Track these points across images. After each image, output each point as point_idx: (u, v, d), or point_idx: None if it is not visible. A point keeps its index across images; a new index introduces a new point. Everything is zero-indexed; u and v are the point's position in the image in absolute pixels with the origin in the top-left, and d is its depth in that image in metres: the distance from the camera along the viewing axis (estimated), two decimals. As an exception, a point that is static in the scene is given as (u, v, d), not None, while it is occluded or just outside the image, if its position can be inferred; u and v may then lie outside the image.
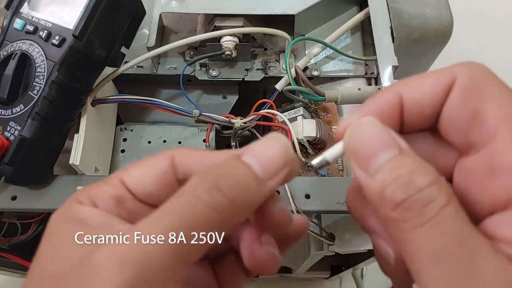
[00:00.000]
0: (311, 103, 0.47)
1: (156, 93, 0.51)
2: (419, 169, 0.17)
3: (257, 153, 0.18)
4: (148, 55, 0.43)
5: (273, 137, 0.19)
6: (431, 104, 0.19)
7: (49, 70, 0.35)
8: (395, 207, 0.16)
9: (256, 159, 0.18)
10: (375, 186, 0.17)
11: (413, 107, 0.19)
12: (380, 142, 0.18)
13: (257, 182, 0.18)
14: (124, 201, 0.19)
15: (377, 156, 0.17)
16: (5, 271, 0.54)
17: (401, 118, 0.19)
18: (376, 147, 0.18)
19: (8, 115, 0.35)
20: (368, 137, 0.18)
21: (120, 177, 0.20)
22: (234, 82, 0.50)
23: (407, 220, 0.16)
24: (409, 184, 0.16)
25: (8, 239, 0.46)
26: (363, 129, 0.18)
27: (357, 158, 0.18)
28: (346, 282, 0.83)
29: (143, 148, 0.47)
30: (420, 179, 0.16)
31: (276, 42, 0.51)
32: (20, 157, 0.35)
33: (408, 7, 0.47)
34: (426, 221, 0.15)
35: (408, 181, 0.16)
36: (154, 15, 0.47)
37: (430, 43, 0.48)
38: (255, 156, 0.18)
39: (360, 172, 0.18)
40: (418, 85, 0.19)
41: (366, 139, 0.18)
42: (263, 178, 0.18)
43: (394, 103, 0.19)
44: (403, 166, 0.17)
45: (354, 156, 0.18)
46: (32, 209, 0.39)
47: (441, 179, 0.16)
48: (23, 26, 0.37)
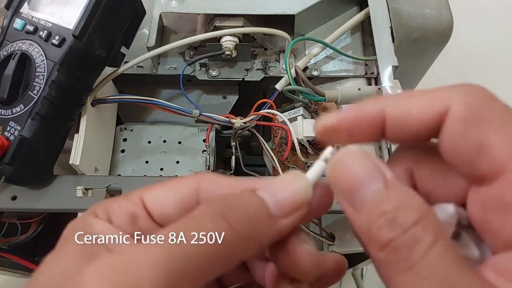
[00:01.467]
0: (311, 103, 0.47)
1: (156, 93, 0.51)
2: (405, 205, 0.16)
3: (273, 188, 0.18)
4: (148, 55, 0.43)
5: (294, 175, 0.18)
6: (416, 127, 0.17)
7: (49, 70, 0.35)
8: (381, 248, 0.16)
9: (271, 195, 0.17)
10: (361, 222, 0.17)
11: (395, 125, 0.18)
12: (365, 174, 0.17)
13: (269, 218, 0.17)
14: (138, 220, 0.19)
15: (361, 190, 0.17)
16: (5, 271, 0.54)
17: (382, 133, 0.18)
18: (360, 179, 0.17)
19: (8, 115, 0.35)
20: (351, 169, 0.17)
21: (141, 195, 0.19)
22: (234, 82, 0.50)
23: (394, 264, 0.15)
24: (394, 223, 0.15)
25: (8, 239, 0.46)
26: (347, 160, 0.17)
27: (341, 191, 0.17)
28: (346, 282, 0.83)
29: (143, 148, 0.47)
30: (405, 216, 0.15)
31: (276, 42, 0.51)
32: (20, 157, 0.35)
33: (408, 7, 0.47)
34: (411, 266, 0.15)
35: (393, 219, 0.16)
36: (154, 15, 0.47)
37: (430, 43, 0.48)
38: (271, 192, 0.18)
39: (346, 206, 0.17)
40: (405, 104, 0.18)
41: (350, 171, 0.17)
42: (276, 215, 0.17)
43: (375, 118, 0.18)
44: (388, 201, 0.16)
45: (338, 189, 0.17)
46: (32, 209, 0.39)
47: (428, 213, 0.16)
48: (23, 26, 0.37)
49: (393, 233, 0.15)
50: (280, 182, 0.18)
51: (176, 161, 0.47)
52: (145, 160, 0.47)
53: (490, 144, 0.16)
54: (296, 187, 0.18)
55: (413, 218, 0.15)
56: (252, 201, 0.17)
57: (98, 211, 0.19)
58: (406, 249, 0.15)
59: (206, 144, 0.46)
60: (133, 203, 0.19)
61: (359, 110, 0.18)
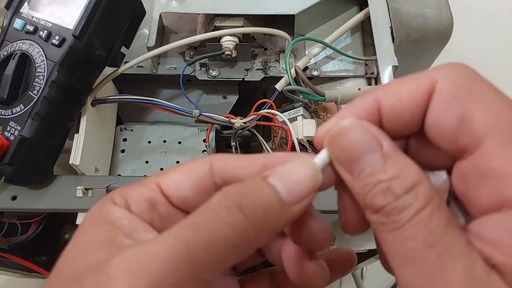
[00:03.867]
0: (311, 103, 0.47)
1: (156, 93, 0.51)
2: (399, 174, 0.17)
3: (284, 175, 0.18)
4: (148, 55, 0.43)
5: (302, 160, 0.19)
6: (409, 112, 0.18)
7: (49, 70, 0.35)
8: (375, 212, 0.17)
9: (282, 181, 0.18)
10: (358, 189, 0.18)
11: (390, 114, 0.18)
12: (361, 145, 0.18)
13: (281, 206, 0.18)
14: (157, 205, 0.19)
15: (359, 160, 0.17)
16: (5, 271, 0.54)
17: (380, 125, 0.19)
18: (357, 150, 0.18)
19: (8, 115, 0.35)
20: (348, 141, 0.18)
21: (157, 180, 0.20)
22: (234, 82, 0.50)
23: (384, 224, 0.17)
24: (388, 191, 0.17)
25: (8, 239, 0.46)
26: (343, 133, 0.18)
27: (340, 162, 0.18)
28: (346, 282, 0.83)
29: (143, 148, 0.47)
30: (399, 186, 0.17)
31: (276, 42, 0.51)
32: (20, 157, 0.35)
33: (408, 7, 0.47)
34: (399, 227, 0.16)
35: (386, 188, 0.17)
36: (154, 15, 0.47)
37: (430, 43, 0.48)
38: (281, 178, 0.18)
39: (345, 173, 0.18)
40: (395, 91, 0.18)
41: (347, 143, 0.18)
42: (288, 201, 0.18)
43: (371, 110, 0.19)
44: (384, 170, 0.17)
45: (337, 160, 0.18)
46: (32, 209, 0.39)
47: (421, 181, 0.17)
48: (23, 26, 0.37)
49: (386, 200, 0.17)
50: (290, 169, 0.18)
51: (176, 161, 0.47)
52: (145, 160, 0.47)
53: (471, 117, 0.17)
54: (306, 174, 0.18)
55: (406, 187, 0.16)
56: (265, 189, 0.18)
57: (116, 198, 0.19)
58: (396, 213, 0.16)
59: (206, 144, 0.46)
60: (151, 189, 0.20)
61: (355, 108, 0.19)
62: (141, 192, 0.19)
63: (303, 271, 0.20)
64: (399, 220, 0.16)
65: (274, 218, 0.17)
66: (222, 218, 0.16)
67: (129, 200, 0.19)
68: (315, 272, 0.20)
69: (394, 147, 0.18)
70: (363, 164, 0.17)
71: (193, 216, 0.17)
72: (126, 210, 0.19)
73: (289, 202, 0.18)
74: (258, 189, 0.18)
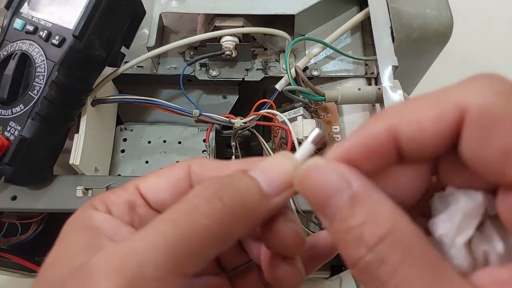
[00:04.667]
0: (311, 103, 0.47)
1: (156, 93, 0.51)
2: (371, 219, 0.15)
3: (264, 168, 0.18)
4: (148, 55, 0.43)
5: (283, 155, 0.19)
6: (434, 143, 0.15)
7: (49, 70, 0.35)
8: (352, 266, 0.15)
9: (262, 174, 0.18)
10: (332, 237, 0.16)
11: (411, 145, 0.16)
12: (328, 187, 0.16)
13: (261, 196, 0.17)
14: (137, 207, 0.19)
15: (329, 204, 0.16)
16: (5, 271, 0.54)
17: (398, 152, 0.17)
18: (325, 194, 0.16)
19: (8, 115, 0.35)
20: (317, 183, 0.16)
21: (136, 183, 0.20)
22: (234, 82, 0.50)
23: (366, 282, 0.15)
24: (360, 240, 0.15)
25: (8, 239, 0.46)
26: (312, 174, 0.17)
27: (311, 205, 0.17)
28: (346, 282, 0.83)
29: (143, 148, 0.47)
30: (370, 233, 0.15)
31: (276, 42, 0.51)
32: (20, 157, 0.35)
33: (408, 7, 0.47)
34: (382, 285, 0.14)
35: (359, 236, 0.15)
36: (154, 15, 0.47)
37: (430, 43, 0.48)
38: (261, 171, 0.18)
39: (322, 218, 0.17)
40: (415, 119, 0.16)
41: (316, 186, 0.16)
42: (268, 193, 0.18)
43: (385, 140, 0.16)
44: (353, 216, 0.15)
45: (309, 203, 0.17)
46: (32, 209, 0.39)
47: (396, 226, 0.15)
48: (23, 26, 0.37)
49: (360, 252, 0.15)
50: (270, 162, 0.18)
51: (176, 161, 0.47)
52: (145, 160, 0.47)
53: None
54: (286, 166, 0.18)
55: (379, 234, 0.15)
56: (245, 180, 0.18)
57: (96, 204, 0.19)
58: (374, 268, 0.14)
59: (206, 144, 0.46)
60: (130, 192, 0.20)
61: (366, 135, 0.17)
62: (121, 195, 0.20)
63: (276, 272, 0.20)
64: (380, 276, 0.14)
65: (253, 208, 0.17)
66: (200, 209, 0.16)
67: (109, 204, 0.19)
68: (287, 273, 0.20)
69: (366, 185, 0.16)
70: (333, 208, 0.16)
71: (171, 209, 0.17)
72: (107, 214, 0.19)
73: (269, 193, 0.18)
74: (238, 180, 0.18)
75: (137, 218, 0.19)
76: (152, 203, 0.20)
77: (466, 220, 0.16)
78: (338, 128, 0.47)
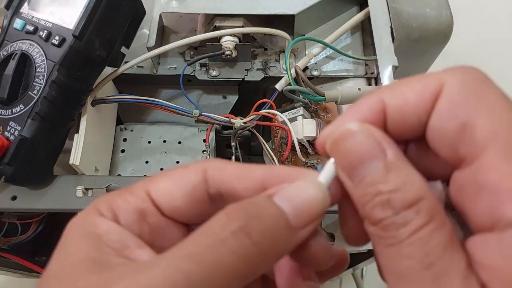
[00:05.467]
0: (311, 103, 0.47)
1: (156, 93, 0.51)
2: (401, 187, 0.16)
3: (291, 197, 0.17)
4: (148, 55, 0.43)
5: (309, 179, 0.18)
6: (415, 113, 0.17)
7: (49, 70, 0.35)
8: (372, 224, 0.16)
9: (289, 204, 0.17)
10: (357, 198, 0.17)
11: (396, 115, 0.17)
12: (364, 151, 0.17)
13: (289, 231, 0.16)
14: (147, 216, 0.18)
15: (360, 167, 0.16)
16: (5, 271, 0.54)
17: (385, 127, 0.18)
18: (359, 156, 0.17)
19: (8, 115, 0.35)
20: (351, 146, 0.17)
21: (147, 188, 0.18)
22: (234, 82, 0.50)
23: (382, 239, 0.16)
24: (387, 204, 0.16)
25: (8, 239, 0.46)
26: (347, 137, 0.17)
27: (341, 167, 0.17)
28: (346, 282, 0.83)
29: (143, 148, 0.47)
30: (399, 199, 0.16)
31: (276, 42, 0.51)
32: (20, 157, 0.35)
33: (408, 7, 0.47)
34: (396, 243, 0.15)
35: (386, 200, 0.16)
36: (154, 15, 0.47)
37: (430, 43, 0.48)
38: (288, 200, 0.17)
39: (346, 179, 0.17)
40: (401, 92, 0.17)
41: (349, 148, 0.17)
42: (296, 226, 0.17)
43: (376, 110, 0.18)
44: (385, 182, 0.16)
45: (339, 165, 0.17)
46: (32, 209, 0.39)
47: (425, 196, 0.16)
48: (23, 26, 0.37)
49: (384, 214, 0.16)
50: (297, 190, 0.17)
51: (176, 161, 0.47)
52: (145, 160, 0.47)
53: (474, 124, 0.16)
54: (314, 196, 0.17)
55: (407, 202, 0.16)
56: (272, 211, 0.17)
57: (102, 208, 0.18)
58: (394, 228, 0.15)
59: (206, 144, 0.46)
60: (140, 198, 0.18)
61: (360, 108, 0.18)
62: (130, 201, 0.18)
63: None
64: (397, 236, 0.15)
65: (281, 243, 0.16)
66: (227, 246, 0.15)
67: (116, 210, 0.18)
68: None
69: (399, 155, 0.17)
70: (364, 172, 0.16)
71: (194, 242, 0.15)
72: (114, 223, 0.17)
73: (297, 226, 0.17)
74: (265, 211, 0.16)
75: (147, 227, 0.18)
76: (165, 211, 0.18)
77: None
78: (338, 128, 0.47)
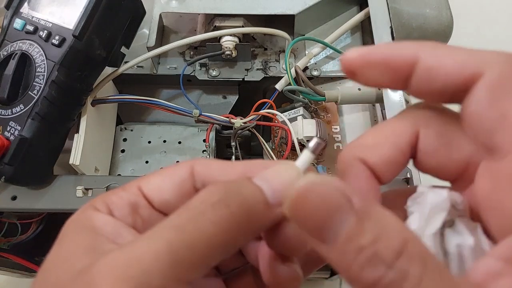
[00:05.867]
0: (311, 103, 0.47)
1: (156, 93, 0.51)
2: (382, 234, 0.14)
3: (269, 177, 0.18)
4: (148, 55, 0.43)
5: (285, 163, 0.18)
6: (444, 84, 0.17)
7: (49, 70, 0.35)
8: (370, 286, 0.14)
9: (267, 183, 0.18)
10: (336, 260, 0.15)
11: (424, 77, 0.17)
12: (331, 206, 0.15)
13: (266, 206, 0.17)
14: (140, 209, 0.19)
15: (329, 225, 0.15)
16: (5, 271, 0.54)
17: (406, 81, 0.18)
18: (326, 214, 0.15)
19: (8, 115, 0.35)
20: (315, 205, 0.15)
21: (139, 184, 0.20)
22: (234, 82, 0.50)
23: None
24: (376, 260, 0.14)
25: (8, 239, 0.46)
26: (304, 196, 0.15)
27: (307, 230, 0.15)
28: (346, 282, 0.83)
29: (143, 148, 0.47)
30: (385, 250, 0.14)
31: (276, 42, 0.51)
32: (20, 157, 0.35)
33: (408, 7, 0.47)
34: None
35: (373, 255, 0.14)
36: (154, 15, 0.47)
37: (430, 43, 0.48)
38: (266, 180, 0.18)
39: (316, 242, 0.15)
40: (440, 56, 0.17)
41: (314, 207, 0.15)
42: (272, 203, 0.17)
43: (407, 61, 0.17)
44: (362, 233, 0.14)
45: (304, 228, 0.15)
46: (32, 209, 0.39)
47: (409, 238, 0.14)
48: (23, 26, 0.37)
49: (378, 272, 0.14)
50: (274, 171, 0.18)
51: (176, 161, 0.47)
52: (145, 160, 0.47)
53: None
54: (290, 177, 0.18)
55: (395, 250, 0.14)
56: (251, 188, 0.17)
57: (97, 205, 0.19)
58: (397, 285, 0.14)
59: (206, 144, 0.46)
60: (132, 193, 0.19)
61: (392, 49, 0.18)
62: (123, 196, 0.19)
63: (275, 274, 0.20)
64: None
65: (258, 218, 0.17)
66: (207, 216, 0.16)
67: (111, 205, 0.19)
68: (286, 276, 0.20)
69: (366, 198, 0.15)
70: (335, 228, 0.14)
71: (176, 215, 0.16)
72: (109, 216, 0.18)
73: (273, 203, 0.17)
74: (244, 187, 0.17)
75: (139, 220, 0.19)
76: (155, 204, 0.19)
77: (433, 212, 0.17)
78: (338, 128, 0.47)
